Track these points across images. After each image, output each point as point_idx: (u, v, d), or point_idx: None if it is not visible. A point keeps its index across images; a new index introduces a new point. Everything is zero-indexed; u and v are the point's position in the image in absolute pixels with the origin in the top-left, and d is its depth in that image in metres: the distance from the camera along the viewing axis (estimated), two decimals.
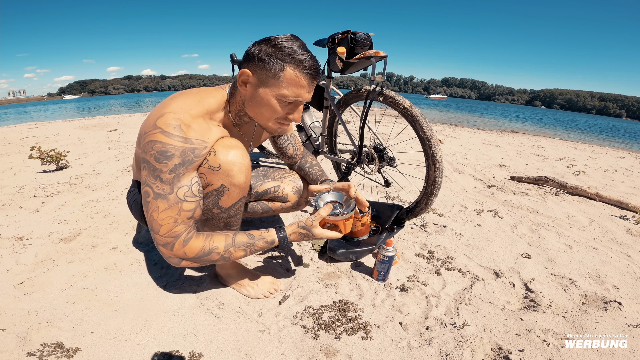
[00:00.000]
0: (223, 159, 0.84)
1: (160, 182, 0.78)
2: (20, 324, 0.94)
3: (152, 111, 0.84)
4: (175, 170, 0.78)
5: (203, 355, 0.87)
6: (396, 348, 0.92)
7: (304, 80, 0.81)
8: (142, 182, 0.81)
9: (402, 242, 1.52)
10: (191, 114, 0.81)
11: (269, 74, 0.79)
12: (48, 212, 1.69)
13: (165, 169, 0.77)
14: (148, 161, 0.78)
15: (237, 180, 0.87)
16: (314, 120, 2.12)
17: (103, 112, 15.49)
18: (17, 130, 4.69)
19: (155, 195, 0.79)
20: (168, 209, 0.79)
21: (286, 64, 0.78)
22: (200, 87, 0.94)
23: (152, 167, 0.78)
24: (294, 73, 0.79)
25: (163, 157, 0.77)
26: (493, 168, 3.14)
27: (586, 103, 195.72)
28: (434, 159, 1.31)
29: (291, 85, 0.80)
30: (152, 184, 0.79)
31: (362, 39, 1.46)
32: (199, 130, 0.82)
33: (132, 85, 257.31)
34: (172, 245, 0.82)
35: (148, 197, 0.80)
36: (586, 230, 1.76)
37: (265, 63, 0.78)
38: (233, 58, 1.79)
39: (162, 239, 0.82)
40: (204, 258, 0.86)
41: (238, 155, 0.86)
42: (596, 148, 6.19)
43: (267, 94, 0.82)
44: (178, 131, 0.77)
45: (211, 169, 0.84)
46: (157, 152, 0.76)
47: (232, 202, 0.91)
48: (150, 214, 0.81)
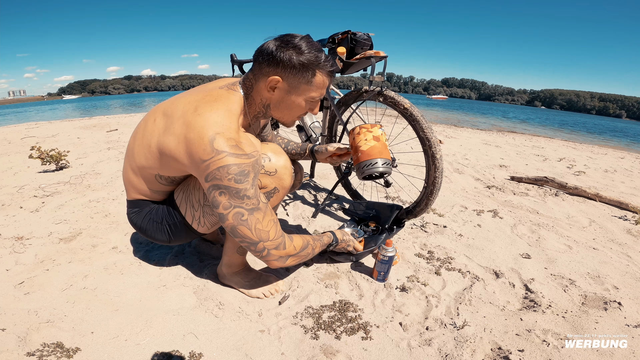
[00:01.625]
0: (277, 164, 0.94)
1: (248, 199, 0.81)
2: (20, 324, 0.94)
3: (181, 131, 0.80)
4: (254, 184, 0.82)
5: (203, 355, 0.87)
6: (396, 348, 0.92)
7: (327, 81, 0.89)
8: (225, 207, 0.81)
9: (402, 242, 1.52)
10: (234, 129, 0.83)
11: (302, 80, 0.85)
12: (48, 212, 1.69)
13: (248, 186, 0.80)
14: (227, 186, 0.79)
15: (287, 182, 0.98)
16: (314, 120, 2.13)
17: (103, 112, 15.48)
18: (17, 130, 4.69)
19: (250, 211, 0.82)
20: (265, 215, 0.85)
21: (317, 70, 0.85)
22: (213, 89, 0.91)
23: (234, 190, 0.79)
24: (322, 78, 0.87)
25: (243, 177, 0.79)
26: (493, 168, 3.14)
27: (586, 103, 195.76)
28: (434, 159, 1.31)
29: (319, 88, 0.89)
30: (240, 204, 0.81)
31: (362, 39, 1.45)
32: (248, 142, 0.85)
33: (132, 85, 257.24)
34: (284, 244, 0.90)
35: (243, 217, 0.82)
36: (586, 231, 1.76)
37: (299, 71, 0.83)
38: (233, 58, 1.79)
39: (273, 243, 0.87)
40: (304, 251, 0.97)
41: (287, 160, 0.98)
42: (596, 148, 6.20)
43: (299, 98, 0.89)
44: (239, 150, 0.80)
45: (267, 173, 0.94)
46: (235, 175, 0.78)
47: (277, 202, 1.01)
48: (254, 228, 0.83)
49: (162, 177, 0.95)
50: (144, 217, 1.03)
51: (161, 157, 0.86)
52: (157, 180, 0.96)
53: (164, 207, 1.02)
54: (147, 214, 1.03)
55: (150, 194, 1.01)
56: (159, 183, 0.97)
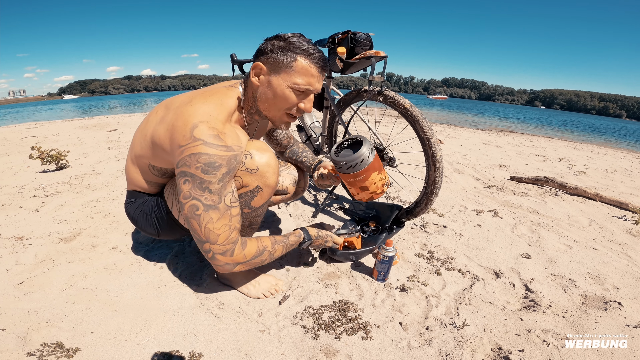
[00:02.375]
0: (260, 161, 0.89)
1: (209, 193, 0.79)
2: (20, 323, 0.94)
3: (171, 120, 0.81)
4: (222, 180, 0.80)
5: (203, 355, 0.87)
6: (396, 348, 0.92)
7: (314, 70, 0.86)
8: (185, 196, 0.80)
9: (402, 242, 1.52)
10: (220, 120, 0.82)
11: (282, 63, 0.84)
12: (48, 212, 1.69)
13: (214, 180, 0.78)
14: (193, 174, 0.77)
15: (271, 181, 0.93)
16: (314, 120, 2.13)
17: (103, 112, 15.48)
18: (17, 130, 4.69)
19: (206, 207, 0.80)
20: (221, 218, 0.81)
21: (297, 54, 0.83)
22: (214, 87, 0.94)
23: (198, 179, 0.78)
24: (305, 63, 0.84)
25: (211, 169, 0.77)
26: (493, 168, 3.14)
27: (586, 103, 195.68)
28: (434, 159, 1.31)
29: (303, 74, 0.85)
30: (199, 196, 0.79)
31: (362, 39, 1.45)
32: (233, 136, 0.83)
33: (132, 85, 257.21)
34: (232, 251, 0.85)
35: (197, 211, 0.80)
36: (586, 231, 1.76)
37: (277, 55, 0.83)
38: (233, 58, 1.79)
39: (220, 248, 0.84)
40: (258, 258, 0.91)
41: (271, 157, 0.93)
42: (596, 148, 6.19)
43: (281, 84, 0.85)
44: (218, 141, 0.78)
45: (248, 171, 0.89)
46: (204, 164, 0.77)
47: (263, 201, 0.97)
48: (204, 227, 0.81)
49: (155, 168, 0.96)
50: (137, 208, 1.04)
51: (153, 146, 0.88)
52: (150, 171, 0.97)
53: (155, 199, 1.03)
54: (139, 205, 1.04)
55: (144, 185, 1.02)
56: (152, 174, 0.98)
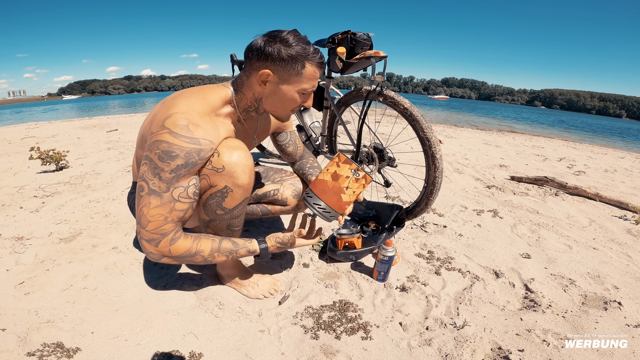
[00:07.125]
0: (227, 160, 0.85)
1: (159, 179, 0.79)
2: (20, 324, 0.94)
3: (156, 112, 0.84)
4: (176, 171, 0.79)
5: (203, 355, 0.88)
6: (396, 348, 0.92)
7: (318, 73, 0.90)
8: (139, 177, 0.81)
9: (402, 242, 1.52)
10: (199, 112, 0.82)
11: (292, 72, 0.85)
12: (48, 212, 1.69)
13: (167, 169, 0.78)
14: (151, 159, 0.78)
15: (240, 181, 0.88)
16: (314, 120, 2.13)
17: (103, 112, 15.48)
18: (17, 130, 4.68)
19: (150, 191, 0.79)
20: (160, 206, 0.80)
21: (306, 62, 0.85)
22: (201, 85, 0.95)
23: (154, 164, 0.78)
24: (312, 69, 0.87)
25: (167, 157, 0.77)
26: (493, 168, 3.14)
27: (586, 103, 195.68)
28: (434, 159, 1.31)
29: (310, 79, 0.89)
30: (149, 180, 0.79)
31: (362, 39, 1.46)
32: (207, 128, 0.82)
33: (132, 85, 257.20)
34: (157, 242, 0.84)
35: (142, 192, 0.80)
36: (586, 231, 1.76)
37: (288, 64, 0.84)
38: (233, 58, 1.79)
39: (148, 235, 0.82)
40: (186, 258, 0.88)
41: (241, 156, 0.87)
42: (596, 148, 6.19)
43: (290, 90, 0.89)
44: (185, 131, 0.78)
45: (215, 170, 0.85)
46: (161, 152, 0.77)
47: (236, 203, 0.92)
48: (140, 208, 0.81)
49: None
50: (133, 197, 1.05)
51: (142, 137, 0.90)
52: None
53: None
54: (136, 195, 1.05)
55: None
56: None
